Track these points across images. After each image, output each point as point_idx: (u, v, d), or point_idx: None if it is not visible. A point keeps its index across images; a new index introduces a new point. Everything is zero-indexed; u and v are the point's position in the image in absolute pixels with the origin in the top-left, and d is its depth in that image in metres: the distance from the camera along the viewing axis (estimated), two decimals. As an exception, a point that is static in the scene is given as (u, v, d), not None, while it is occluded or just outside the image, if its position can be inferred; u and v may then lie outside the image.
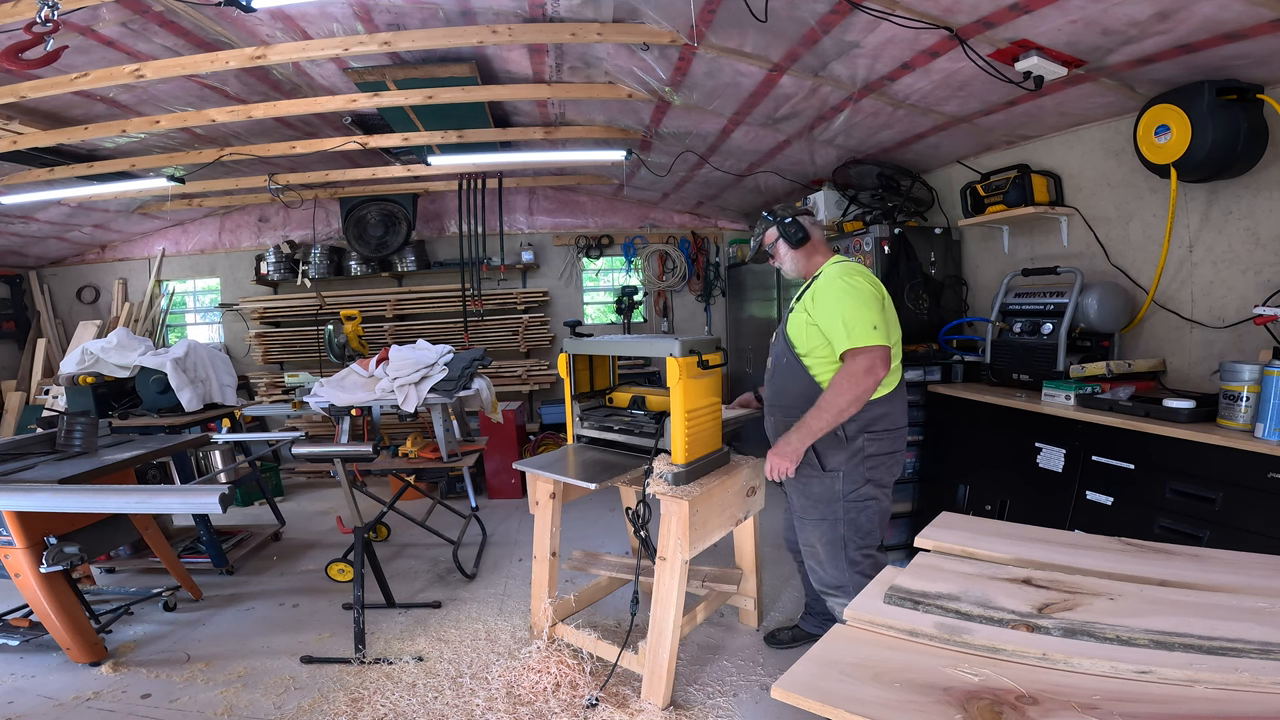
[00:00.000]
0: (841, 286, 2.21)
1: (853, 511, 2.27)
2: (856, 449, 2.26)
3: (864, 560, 2.30)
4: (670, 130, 4.18)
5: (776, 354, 2.45)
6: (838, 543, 2.30)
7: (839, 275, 2.25)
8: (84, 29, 2.91)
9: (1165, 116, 2.43)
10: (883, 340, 2.13)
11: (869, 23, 2.47)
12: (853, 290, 2.19)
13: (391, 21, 3.03)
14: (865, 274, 2.29)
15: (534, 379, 6.21)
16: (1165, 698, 0.99)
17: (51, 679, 2.61)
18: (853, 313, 2.15)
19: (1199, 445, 2.09)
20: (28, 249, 6.21)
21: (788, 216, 2.48)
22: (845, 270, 2.27)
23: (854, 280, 2.22)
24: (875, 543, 2.34)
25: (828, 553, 2.33)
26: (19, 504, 2.42)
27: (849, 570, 2.30)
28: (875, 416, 2.27)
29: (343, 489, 3.02)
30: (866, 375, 2.12)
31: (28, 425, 5.68)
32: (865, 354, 2.12)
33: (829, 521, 2.30)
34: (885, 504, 2.35)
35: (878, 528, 2.33)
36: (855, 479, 2.26)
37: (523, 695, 2.41)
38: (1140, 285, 2.84)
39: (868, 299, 2.19)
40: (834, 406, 2.15)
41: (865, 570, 2.28)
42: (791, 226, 2.44)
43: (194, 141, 4.49)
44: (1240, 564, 1.40)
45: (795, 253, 2.47)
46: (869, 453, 2.26)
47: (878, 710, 0.99)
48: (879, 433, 2.27)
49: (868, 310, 2.16)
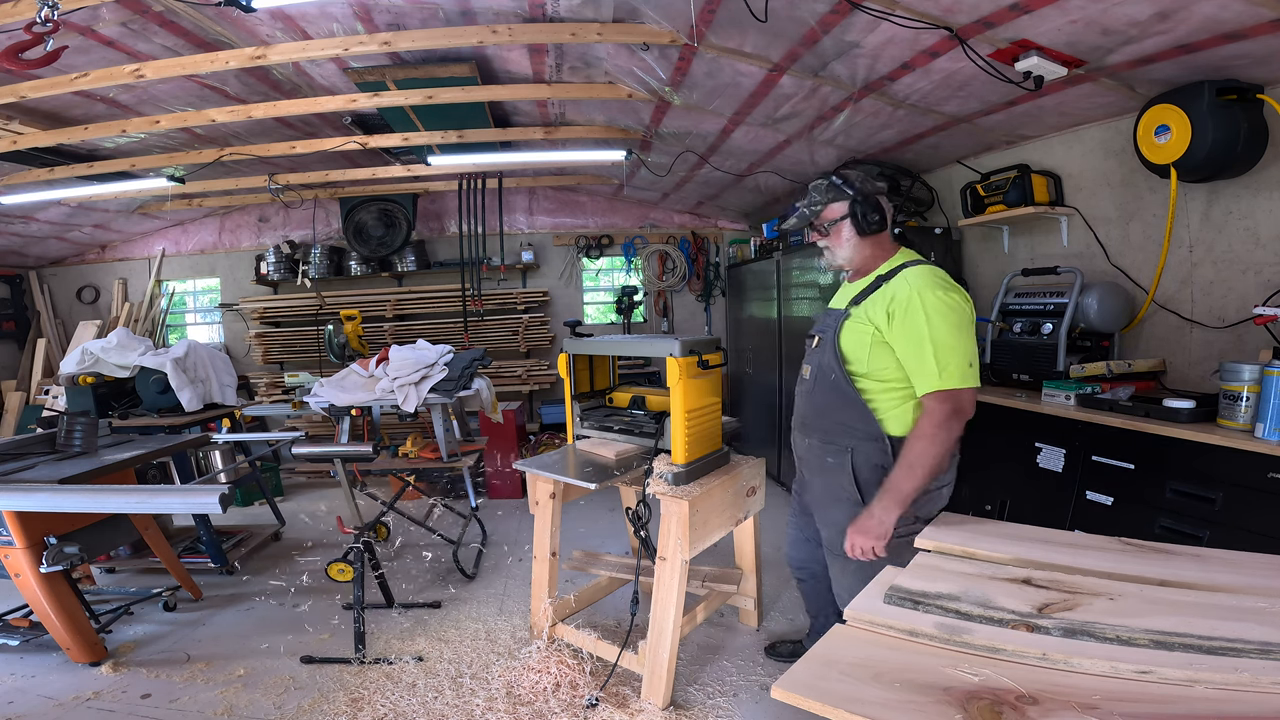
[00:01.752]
0: (937, 305, 1.78)
1: (898, 549, 1.88)
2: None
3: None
4: (670, 130, 4.18)
5: (819, 366, 2.03)
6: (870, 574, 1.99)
7: (930, 287, 1.81)
8: (84, 29, 2.91)
9: (1165, 116, 2.43)
10: (976, 380, 1.80)
11: (869, 23, 2.47)
12: (951, 313, 1.79)
13: (391, 21, 3.03)
14: (961, 291, 1.86)
15: (534, 379, 6.21)
16: (1165, 698, 0.99)
17: (51, 679, 2.61)
18: (949, 342, 1.77)
19: (1199, 445, 2.08)
20: (28, 249, 6.21)
21: (868, 193, 1.97)
22: (936, 281, 1.84)
23: (951, 298, 1.80)
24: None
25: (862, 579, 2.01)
26: (19, 504, 2.42)
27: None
28: None
29: (343, 489, 3.02)
30: (954, 421, 1.78)
31: (28, 425, 5.68)
32: (954, 398, 1.77)
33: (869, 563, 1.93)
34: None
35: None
36: (906, 517, 1.87)
37: (523, 695, 2.41)
38: (1140, 285, 2.84)
39: (967, 325, 1.81)
40: (927, 464, 1.78)
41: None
42: (870, 206, 1.95)
43: (194, 141, 4.49)
44: (1240, 564, 1.40)
45: (862, 240, 1.99)
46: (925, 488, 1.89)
47: (878, 710, 0.99)
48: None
49: (968, 341, 1.79)
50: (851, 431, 1.96)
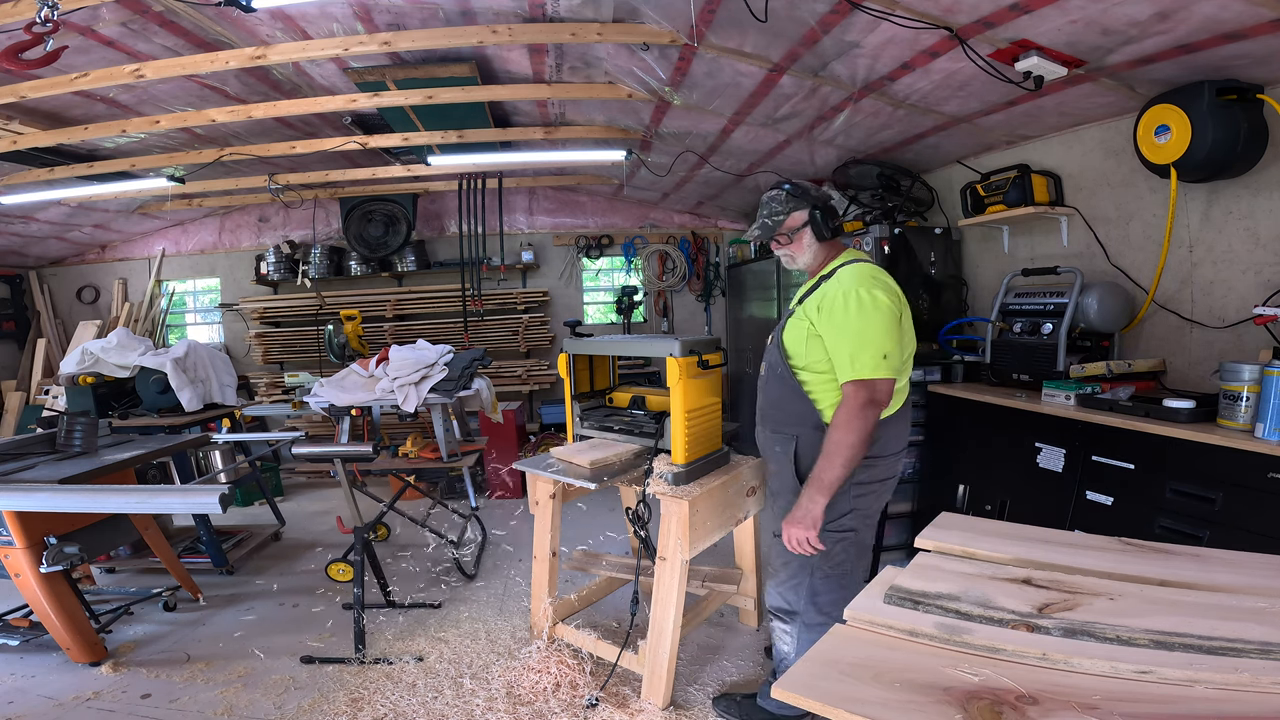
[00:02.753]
0: (858, 301, 1.89)
1: (829, 542, 2.00)
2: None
3: (826, 593, 2.05)
4: (670, 130, 4.18)
5: (769, 361, 2.17)
6: (805, 570, 2.07)
7: (856, 284, 1.92)
8: (84, 29, 2.91)
9: (1165, 116, 2.43)
10: (890, 372, 1.89)
11: (869, 23, 2.47)
12: (871, 308, 1.89)
13: (391, 21, 3.03)
14: (886, 283, 1.98)
15: (534, 379, 6.21)
16: (1165, 698, 0.98)
17: (51, 679, 2.61)
18: (865, 336, 1.88)
19: (1199, 445, 2.08)
20: (28, 249, 6.21)
21: (824, 200, 2.10)
22: (864, 277, 1.94)
23: (875, 294, 1.90)
24: (846, 575, 2.06)
25: (791, 576, 2.11)
26: (19, 504, 2.42)
27: (807, 599, 2.07)
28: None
29: (343, 489, 3.02)
30: (868, 409, 1.88)
31: (28, 425, 5.68)
32: (867, 387, 1.88)
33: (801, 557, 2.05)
34: (866, 538, 2.10)
35: (852, 561, 2.07)
36: (840, 507, 1.99)
37: (523, 695, 2.41)
38: (1140, 285, 2.84)
39: (887, 319, 1.90)
40: (844, 452, 1.88)
41: (825, 606, 2.04)
42: (828, 213, 2.08)
43: (194, 141, 4.49)
44: (1240, 564, 1.40)
45: (820, 246, 2.11)
46: (857, 479, 1.99)
47: (878, 710, 0.99)
48: (872, 458, 1.99)
49: (883, 335, 1.88)
50: (798, 420, 2.07)
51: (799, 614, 2.10)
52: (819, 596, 2.06)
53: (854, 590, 1.99)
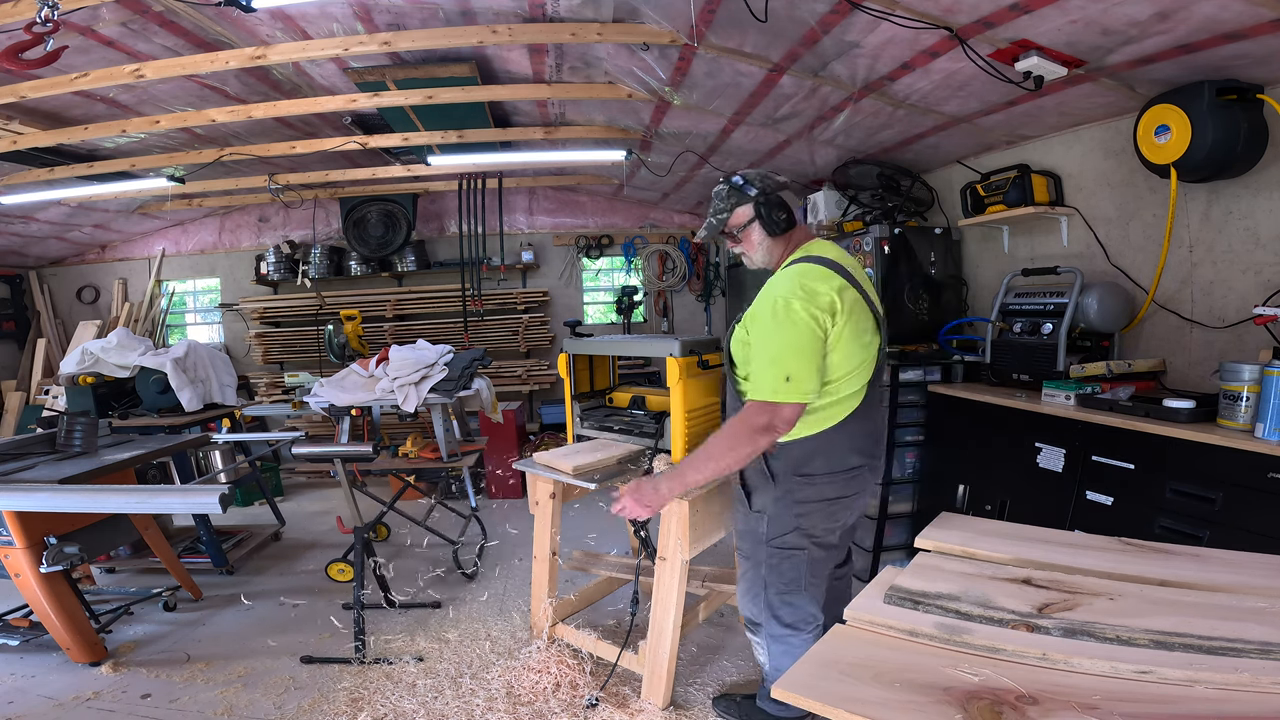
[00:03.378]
0: (773, 312, 1.76)
1: (775, 558, 1.93)
2: (785, 490, 1.89)
3: (784, 607, 1.97)
4: (670, 130, 4.18)
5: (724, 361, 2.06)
6: (758, 584, 2.00)
7: (783, 295, 1.76)
8: (84, 29, 2.91)
9: (1165, 116, 2.43)
10: (796, 396, 1.73)
11: (869, 23, 2.47)
12: (786, 322, 1.73)
13: (391, 21, 3.03)
14: (815, 289, 1.76)
15: (534, 379, 6.21)
16: (1165, 698, 0.99)
17: (51, 679, 2.62)
18: (771, 352, 1.75)
19: (1199, 445, 2.08)
20: (28, 249, 6.21)
21: (770, 191, 1.93)
22: (792, 284, 1.78)
23: (792, 306, 1.73)
24: (800, 591, 1.96)
25: (748, 589, 2.05)
26: (19, 504, 2.42)
27: (766, 612, 2.01)
28: (806, 455, 1.88)
29: (343, 489, 3.02)
30: (759, 434, 1.76)
31: (28, 425, 5.68)
32: (766, 410, 1.74)
33: (751, 561, 2.01)
34: (817, 555, 1.95)
35: (804, 577, 1.95)
36: (782, 524, 1.90)
37: (523, 695, 2.41)
38: (1140, 285, 2.84)
39: (800, 337, 1.73)
40: (718, 464, 1.81)
41: (786, 619, 1.97)
42: (774, 205, 1.91)
43: (194, 141, 4.49)
44: (1240, 564, 1.40)
45: (774, 240, 1.95)
46: (799, 497, 1.88)
47: (878, 710, 0.99)
48: (813, 475, 1.87)
49: (790, 354, 1.72)
50: None
51: (763, 625, 2.03)
52: (776, 610, 1.99)
53: (811, 605, 1.96)
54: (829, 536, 1.95)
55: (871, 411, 1.95)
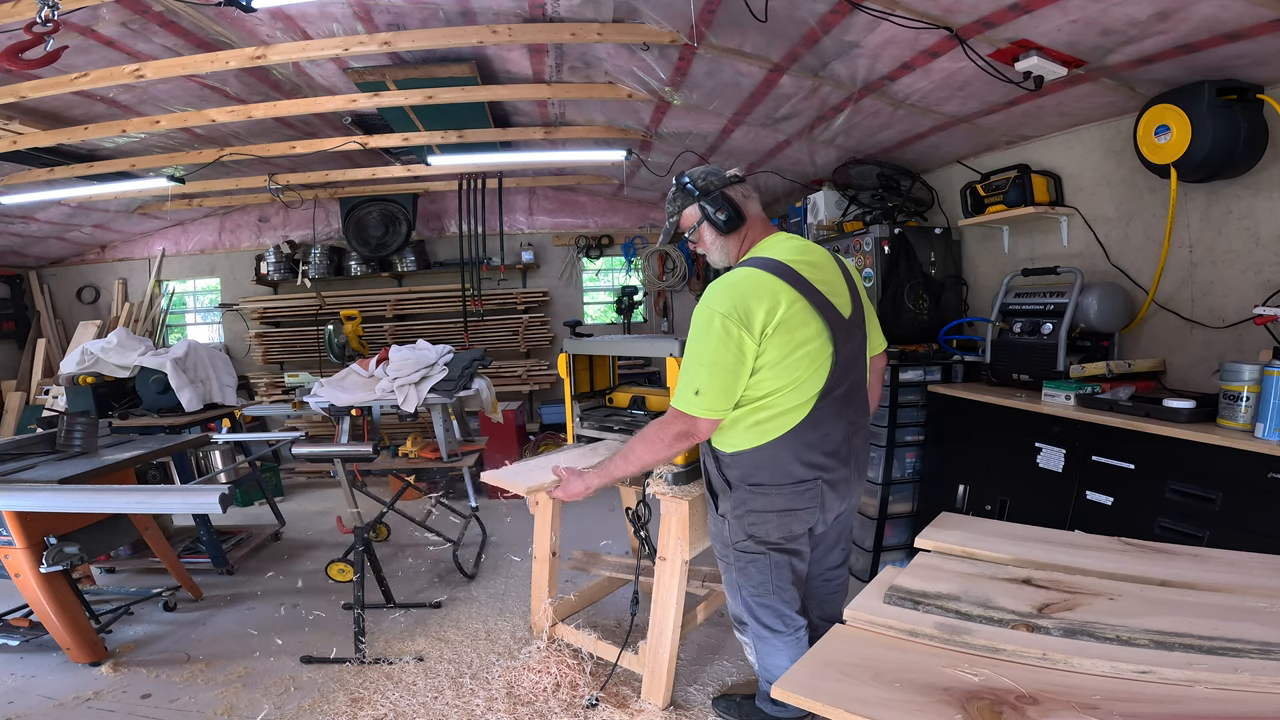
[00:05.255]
0: (696, 322, 1.74)
1: (741, 561, 1.95)
2: (739, 500, 1.88)
3: (760, 609, 1.97)
4: (670, 130, 4.18)
5: None
6: (734, 585, 2.03)
7: (710, 302, 1.72)
8: (84, 29, 2.91)
9: (1165, 116, 2.43)
10: (702, 411, 1.72)
11: (869, 23, 2.47)
12: (705, 336, 1.71)
13: (391, 21, 3.03)
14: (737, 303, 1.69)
15: (534, 379, 6.21)
16: (1165, 698, 0.99)
17: (51, 679, 2.61)
18: (689, 363, 1.73)
19: (1199, 445, 2.08)
20: (28, 249, 6.21)
21: (714, 189, 1.88)
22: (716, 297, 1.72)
23: (712, 323, 1.69)
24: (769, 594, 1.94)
25: (728, 589, 2.07)
26: (19, 504, 2.42)
27: (747, 612, 2.01)
28: (754, 466, 1.84)
29: (343, 489, 3.02)
30: (676, 441, 1.77)
31: (28, 425, 5.68)
32: (683, 419, 1.75)
33: (724, 563, 2.03)
34: (778, 559, 1.91)
35: (772, 581, 1.93)
36: (739, 529, 1.91)
37: (523, 695, 2.41)
38: (1140, 285, 2.84)
39: (716, 352, 1.69)
40: (637, 460, 1.85)
41: (764, 619, 1.98)
42: (718, 203, 1.86)
43: (194, 141, 4.50)
44: (1240, 564, 1.40)
45: (727, 239, 1.90)
46: (751, 506, 1.86)
47: (878, 710, 0.99)
48: (760, 486, 1.84)
49: (704, 369, 1.70)
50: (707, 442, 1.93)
51: (746, 623, 2.04)
52: (754, 611, 1.99)
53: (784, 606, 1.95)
54: (786, 543, 1.91)
55: (826, 422, 1.82)
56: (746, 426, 1.81)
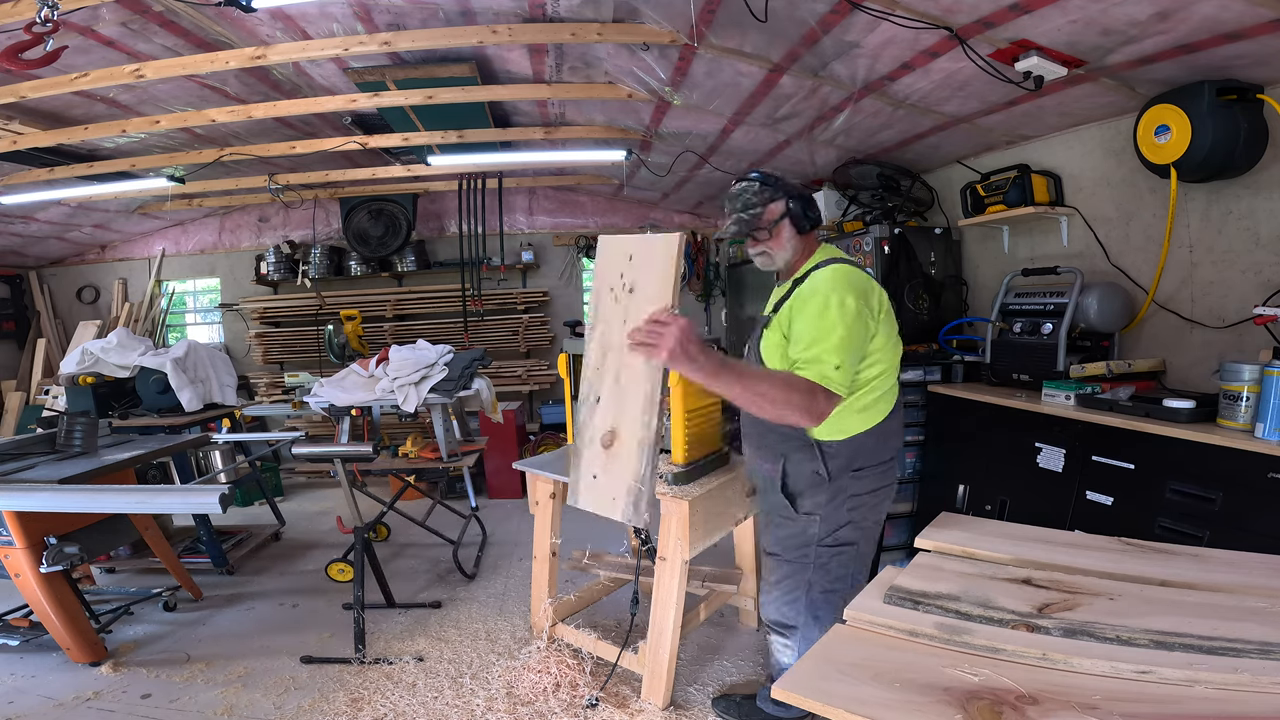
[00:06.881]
0: (822, 305, 1.77)
1: (824, 557, 1.94)
2: (839, 489, 1.91)
3: (826, 609, 1.96)
4: (670, 130, 4.18)
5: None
6: (801, 586, 1.99)
7: (829, 289, 1.78)
8: (84, 29, 2.91)
9: (1165, 116, 2.43)
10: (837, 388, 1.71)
11: (869, 23, 2.47)
12: (839, 315, 1.74)
13: (391, 21, 3.03)
14: (860, 288, 1.81)
15: (534, 379, 6.20)
16: (1165, 698, 0.99)
17: (51, 679, 2.62)
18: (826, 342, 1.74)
19: (1199, 445, 2.08)
20: (28, 249, 6.21)
21: (798, 187, 1.99)
22: (838, 281, 1.80)
23: (846, 303, 1.75)
24: (846, 589, 1.95)
25: (787, 593, 2.02)
26: (19, 504, 2.42)
27: (806, 613, 1.99)
28: (858, 450, 1.91)
29: (343, 489, 3.02)
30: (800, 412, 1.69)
31: (28, 425, 5.67)
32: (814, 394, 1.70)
33: (795, 565, 1.99)
34: (865, 549, 2.01)
35: (850, 575, 1.98)
36: (834, 521, 1.92)
37: (523, 695, 2.41)
38: (1140, 285, 2.84)
39: (851, 330, 1.75)
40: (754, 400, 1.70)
41: (824, 619, 1.95)
42: (805, 202, 1.96)
43: (194, 141, 4.49)
44: (1240, 564, 1.40)
45: (800, 240, 1.98)
46: (853, 492, 1.92)
47: (878, 710, 0.99)
48: (865, 469, 1.92)
49: (842, 347, 1.73)
50: (782, 439, 1.94)
51: (798, 629, 2.01)
52: (819, 610, 1.97)
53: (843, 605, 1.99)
54: (876, 530, 2.05)
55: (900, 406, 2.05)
56: (856, 410, 1.89)
